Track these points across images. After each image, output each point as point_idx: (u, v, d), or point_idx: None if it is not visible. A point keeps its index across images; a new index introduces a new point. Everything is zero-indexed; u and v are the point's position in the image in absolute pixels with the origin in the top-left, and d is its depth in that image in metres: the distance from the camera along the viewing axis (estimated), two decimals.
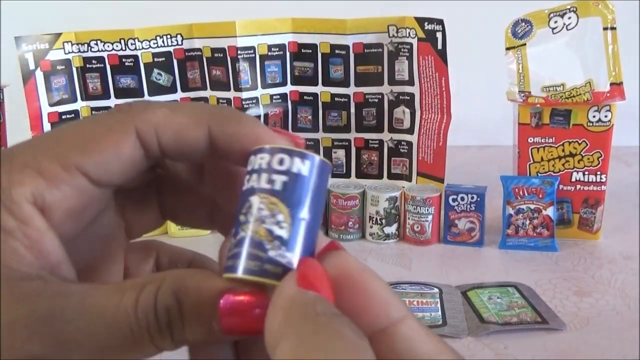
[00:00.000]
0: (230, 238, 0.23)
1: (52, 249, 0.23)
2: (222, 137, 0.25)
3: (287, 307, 0.20)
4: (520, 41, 0.79)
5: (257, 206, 0.22)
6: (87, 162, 0.23)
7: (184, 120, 0.25)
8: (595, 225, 0.79)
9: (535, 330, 0.59)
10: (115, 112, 0.25)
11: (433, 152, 0.85)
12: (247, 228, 0.22)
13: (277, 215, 0.22)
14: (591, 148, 0.77)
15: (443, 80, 0.82)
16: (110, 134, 0.24)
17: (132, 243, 0.31)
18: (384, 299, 0.22)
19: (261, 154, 0.23)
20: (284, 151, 0.23)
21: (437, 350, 0.22)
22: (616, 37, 0.75)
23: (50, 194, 0.23)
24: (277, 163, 0.23)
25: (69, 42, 0.85)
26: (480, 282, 0.69)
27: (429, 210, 0.78)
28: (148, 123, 0.24)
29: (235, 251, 0.23)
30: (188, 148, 0.25)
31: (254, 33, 0.87)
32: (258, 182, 0.23)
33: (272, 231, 0.22)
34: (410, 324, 0.22)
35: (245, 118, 0.25)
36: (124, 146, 0.24)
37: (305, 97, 0.92)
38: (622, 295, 0.66)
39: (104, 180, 0.24)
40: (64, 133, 0.24)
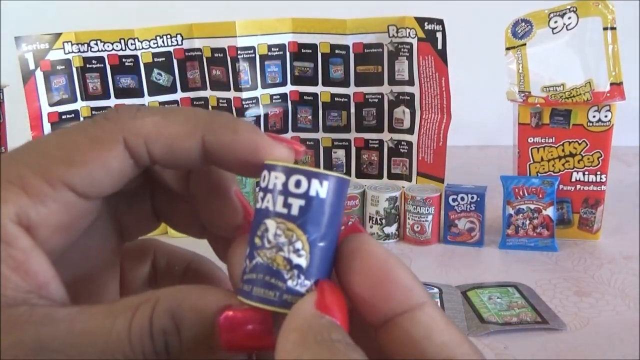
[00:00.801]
0: (245, 258, 0.23)
1: (39, 268, 0.22)
2: (217, 146, 0.23)
3: (303, 329, 0.20)
4: (520, 41, 0.79)
5: (274, 232, 0.22)
6: (73, 176, 0.22)
7: (176, 129, 0.23)
8: (595, 225, 0.79)
9: (535, 330, 0.59)
10: (102, 120, 0.24)
11: (433, 152, 0.85)
12: (264, 254, 0.22)
13: (295, 243, 0.22)
14: (591, 148, 0.77)
15: (443, 80, 0.82)
16: (97, 145, 0.23)
17: (129, 244, 0.30)
18: (405, 284, 0.22)
19: (275, 172, 0.22)
20: (301, 172, 0.22)
21: (456, 341, 0.21)
22: (616, 37, 0.75)
23: (35, 211, 0.22)
24: (293, 185, 0.22)
25: (69, 42, 0.85)
26: (480, 282, 0.69)
27: (429, 210, 0.78)
28: (137, 133, 0.23)
29: (251, 276, 0.22)
30: (180, 158, 0.24)
31: (254, 33, 0.87)
32: (273, 205, 0.22)
33: (290, 260, 0.22)
34: (430, 311, 0.21)
35: (242, 126, 0.24)
36: (112, 158, 0.23)
37: (305, 97, 0.92)
38: (622, 295, 0.66)
39: (92, 193, 0.23)
40: (47, 145, 0.23)
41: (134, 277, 0.30)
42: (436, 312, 0.22)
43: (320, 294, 0.21)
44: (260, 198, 0.22)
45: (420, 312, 0.21)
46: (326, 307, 0.21)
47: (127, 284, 0.29)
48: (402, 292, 0.21)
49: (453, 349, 0.21)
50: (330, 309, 0.21)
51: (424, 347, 0.21)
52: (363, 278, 0.22)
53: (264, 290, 0.22)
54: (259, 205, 0.22)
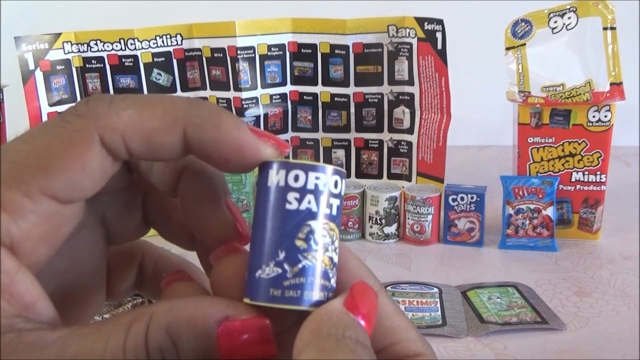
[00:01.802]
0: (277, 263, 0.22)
1: (25, 289, 0.21)
2: (198, 143, 0.22)
3: (322, 320, 0.20)
4: (520, 41, 0.79)
5: (321, 233, 0.22)
6: (51, 184, 0.21)
7: (155, 123, 0.22)
8: (595, 225, 0.79)
9: (535, 330, 0.59)
10: (72, 118, 0.22)
11: (433, 152, 0.85)
12: (312, 257, 0.21)
13: (335, 242, 0.22)
14: (591, 148, 0.77)
15: (443, 80, 0.82)
16: (73, 147, 0.21)
17: (117, 247, 0.29)
18: (358, 275, 0.23)
19: (317, 173, 0.22)
20: (338, 173, 0.22)
21: (403, 327, 0.23)
22: (616, 37, 0.75)
23: (17, 227, 0.21)
24: (334, 186, 0.22)
25: (69, 42, 0.85)
26: (480, 282, 0.69)
27: (429, 210, 0.78)
28: (112, 129, 0.21)
29: (297, 281, 0.21)
30: (160, 152, 0.22)
31: (254, 33, 0.87)
32: (317, 206, 0.22)
33: (332, 259, 0.22)
34: (381, 299, 0.22)
35: (225, 121, 0.22)
36: (89, 159, 0.21)
37: (305, 97, 0.92)
38: (622, 295, 0.66)
39: (74, 197, 0.22)
40: (18, 154, 0.21)
41: (121, 281, 0.29)
42: (387, 300, 0.23)
43: (351, 294, 0.21)
44: (294, 199, 0.22)
45: None
46: (353, 307, 0.21)
47: (114, 288, 0.29)
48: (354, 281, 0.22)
49: (400, 333, 0.23)
50: (357, 309, 0.21)
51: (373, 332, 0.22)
52: None
53: (315, 292, 0.22)
54: (293, 206, 0.22)
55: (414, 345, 0.23)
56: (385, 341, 0.23)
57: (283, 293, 0.21)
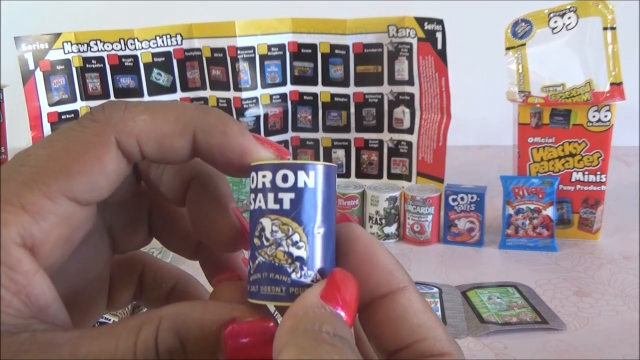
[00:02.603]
0: (248, 261, 0.23)
1: (41, 291, 0.21)
2: (206, 147, 0.24)
3: (298, 316, 0.20)
4: (520, 41, 0.79)
5: (270, 229, 0.22)
6: (73, 186, 0.22)
7: (167, 128, 0.23)
8: (595, 225, 0.79)
9: (535, 330, 0.59)
10: (90, 123, 0.23)
11: (433, 152, 0.85)
12: (264, 253, 0.22)
13: (293, 236, 0.22)
14: (591, 148, 0.77)
15: (443, 80, 0.82)
16: (91, 150, 0.22)
17: (119, 257, 0.29)
18: (387, 269, 0.23)
19: (262, 172, 0.22)
20: (286, 167, 0.22)
21: (430, 324, 0.22)
22: (616, 37, 0.75)
23: (38, 228, 0.21)
24: (281, 180, 0.22)
25: (69, 42, 0.85)
26: (480, 282, 0.69)
27: (429, 210, 0.78)
28: (129, 133, 0.23)
29: (256, 277, 0.22)
30: (171, 155, 0.24)
31: (254, 33, 0.87)
32: (265, 203, 0.22)
33: (291, 254, 0.22)
34: (409, 295, 0.22)
35: (232, 128, 0.24)
36: (107, 161, 0.23)
37: (305, 97, 0.92)
38: (622, 295, 0.66)
39: (92, 198, 0.23)
40: (39, 158, 0.22)
41: (122, 290, 0.30)
42: (415, 296, 0.23)
43: (328, 284, 0.21)
44: (252, 200, 0.23)
45: (400, 295, 0.22)
46: (331, 298, 0.21)
47: (115, 297, 0.29)
48: (384, 276, 0.22)
49: (426, 331, 0.22)
50: (335, 299, 0.21)
51: (399, 328, 0.22)
52: (347, 260, 0.23)
53: (270, 287, 0.22)
54: (252, 206, 0.23)
55: (441, 344, 0.22)
56: (411, 338, 0.22)
57: (250, 288, 0.22)
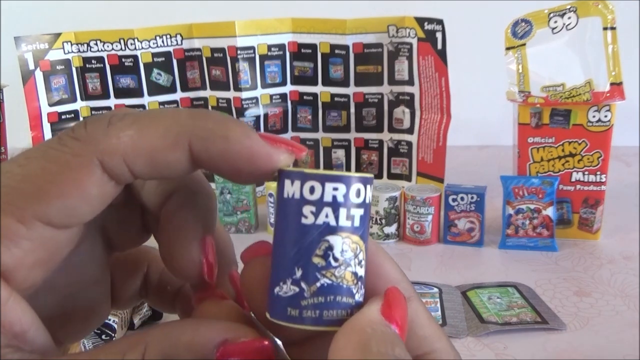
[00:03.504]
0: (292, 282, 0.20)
1: (16, 318, 0.20)
2: (207, 156, 0.21)
3: (367, 333, 0.19)
4: (520, 41, 0.79)
5: (341, 248, 0.20)
6: (47, 210, 0.20)
7: (157, 141, 0.21)
8: (595, 225, 0.79)
9: (535, 330, 0.59)
10: (70, 141, 0.21)
11: (433, 152, 0.85)
12: (331, 275, 0.20)
13: (359, 255, 0.21)
14: (591, 148, 0.77)
15: (443, 80, 0.82)
16: (71, 172, 0.20)
17: (122, 255, 0.28)
18: (392, 279, 0.22)
19: (335, 184, 0.20)
20: (360, 180, 0.20)
21: (436, 336, 0.22)
22: (616, 37, 0.75)
23: (9, 255, 0.20)
24: (355, 195, 0.20)
25: (69, 42, 0.85)
26: (480, 282, 0.69)
27: (429, 210, 0.78)
28: (113, 153, 0.20)
29: (315, 300, 0.20)
30: (166, 171, 0.21)
31: (254, 33, 0.87)
32: (336, 220, 0.20)
33: (356, 274, 0.21)
34: (415, 306, 0.21)
35: (234, 131, 0.21)
36: (88, 184, 0.20)
37: (305, 97, 0.92)
38: (622, 295, 0.66)
39: (70, 223, 0.21)
40: (13, 179, 0.20)
41: (125, 289, 0.28)
42: (420, 307, 0.22)
43: (387, 300, 0.20)
44: (310, 212, 0.20)
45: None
46: (391, 316, 0.20)
47: (119, 296, 0.28)
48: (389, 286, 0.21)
49: (432, 343, 0.22)
50: (395, 318, 0.20)
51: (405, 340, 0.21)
52: None
53: (337, 312, 0.20)
54: (309, 220, 0.20)
55: (446, 355, 0.22)
56: (418, 350, 0.21)
57: (301, 313, 0.20)
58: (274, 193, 0.81)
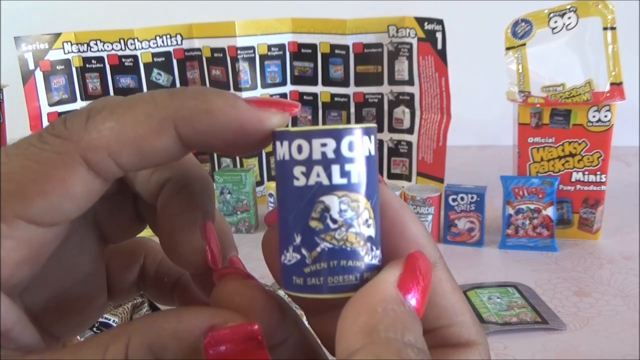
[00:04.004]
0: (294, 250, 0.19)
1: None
2: (195, 136, 0.20)
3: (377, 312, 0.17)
4: (520, 41, 0.79)
5: (339, 208, 0.18)
6: (29, 209, 0.19)
7: (140, 130, 0.19)
8: (595, 225, 0.79)
9: (535, 330, 0.59)
10: (51, 139, 0.20)
11: (433, 152, 0.85)
12: (331, 237, 0.19)
13: (363, 214, 0.19)
14: (591, 148, 0.77)
15: (443, 80, 0.82)
16: (54, 170, 0.19)
17: (117, 246, 0.27)
18: (418, 242, 0.20)
19: (322, 139, 0.18)
20: (352, 132, 0.19)
21: (457, 308, 0.20)
22: (616, 37, 0.75)
23: None
24: (347, 149, 0.18)
25: (69, 42, 0.85)
26: (480, 282, 0.69)
27: (429, 210, 0.78)
28: (96, 148, 0.19)
29: (316, 267, 0.19)
30: (155, 158, 0.20)
31: (254, 33, 0.87)
32: (329, 178, 0.18)
33: (362, 234, 0.19)
34: (439, 273, 0.20)
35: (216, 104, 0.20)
36: (73, 183, 0.19)
37: (305, 97, 0.92)
38: (622, 295, 0.66)
39: (55, 221, 0.20)
40: None
41: (122, 279, 0.28)
42: (445, 275, 0.20)
43: (407, 268, 0.18)
44: (300, 173, 0.19)
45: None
46: (409, 288, 0.18)
47: (115, 286, 0.28)
48: (413, 249, 0.20)
49: (454, 316, 0.20)
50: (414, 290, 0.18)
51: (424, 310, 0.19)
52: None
53: (342, 277, 0.19)
54: (301, 182, 0.19)
55: (468, 332, 0.20)
56: (437, 322, 0.20)
57: (305, 281, 0.19)
58: (274, 193, 0.81)
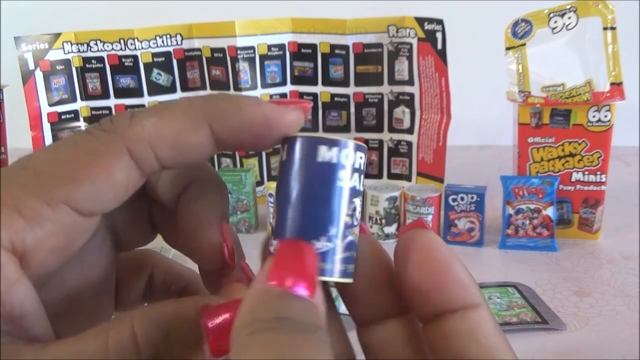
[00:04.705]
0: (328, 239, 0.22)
1: (18, 301, 0.20)
2: (227, 133, 0.22)
3: (252, 309, 0.19)
4: (520, 41, 0.79)
5: (359, 209, 0.23)
6: (76, 195, 0.21)
7: (179, 125, 0.22)
8: (595, 225, 0.79)
9: (535, 330, 0.59)
10: (98, 132, 0.22)
11: (433, 152, 0.85)
12: (353, 232, 0.22)
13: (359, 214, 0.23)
14: (591, 148, 0.77)
15: (443, 80, 0.82)
16: (99, 159, 0.21)
17: (125, 255, 0.28)
18: (464, 284, 0.21)
19: (360, 152, 0.22)
20: (361, 149, 0.23)
21: (501, 347, 0.21)
22: (616, 37, 0.75)
23: (32, 235, 0.20)
24: (362, 163, 0.23)
25: (69, 42, 0.85)
26: (480, 282, 0.69)
27: (429, 210, 0.78)
28: (139, 139, 0.21)
29: (346, 255, 0.22)
30: (191, 154, 0.22)
31: (254, 33, 0.87)
32: (360, 183, 0.23)
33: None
34: (483, 313, 0.21)
35: (244, 103, 0.22)
36: (117, 171, 0.21)
37: (305, 97, 0.92)
38: (622, 295, 0.66)
39: (95, 210, 0.22)
40: (42, 162, 0.21)
41: (129, 291, 0.29)
42: (488, 316, 0.21)
43: (275, 262, 0.20)
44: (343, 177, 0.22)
45: (473, 312, 0.21)
46: (279, 276, 0.19)
47: (122, 298, 0.28)
48: (459, 290, 0.21)
49: (496, 353, 0.21)
50: (285, 276, 0.19)
51: (467, 345, 0.21)
52: (422, 271, 0.21)
53: (352, 266, 0.22)
54: (342, 183, 0.22)
55: None
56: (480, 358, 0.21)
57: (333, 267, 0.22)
58: (273, 193, 0.81)
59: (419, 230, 0.22)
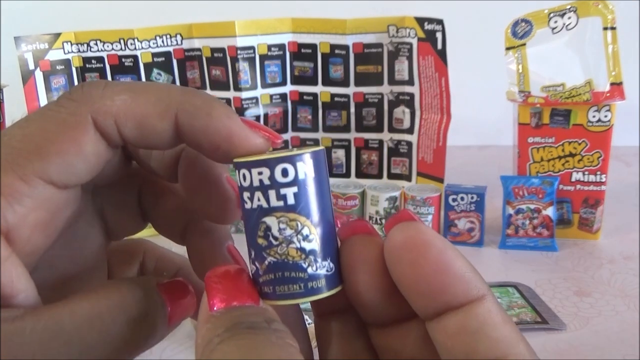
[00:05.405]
0: (251, 261, 0.22)
1: (8, 279, 0.20)
2: (189, 130, 0.22)
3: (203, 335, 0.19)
4: (520, 41, 0.79)
5: (277, 227, 0.21)
6: (48, 167, 0.21)
7: (147, 109, 0.22)
8: (595, 225, 0.79)
9: (535, 330, 0.59)
10: (66, 102, 0.22)
11: (433, 152, 0.85)
12: (274, 252, 0.21)
13: (302, 230, 0.21)
14: (591, 148, 0.77)
15: (443, 80, 0.82)
16: (67, 130, 0.21)
17: (117, 244, 0.29)
18: (464, 278, 0.20)
19: (257, 168, 0.21)
20: (284, 160, 0.21)
21: (511, 339, 0.20)
22: (616, 37, 0.75)
23: (12, 212, 0.20)
24: (281, 175, 0.21)
25: (69, 42, 0.85)
26: None
27: (429, 210, 0.78)
28: (106, 112, 0.21)
29: (267, 277, 0.21)
30: (152, 139, 0.22)
31: (254, 33, 0.87)
32: (267, 201, 0.21)
33: (303, 249, 0.21)
34: (488, 305, 0.20)
35: (217, 110, 0.22)
36: (84, 142, 0.21)
37: (305, 97, 0.92)
38: (622, 295, 0.66)
39: (70, 182, 0.22)
40: (12, 138, 0.21)
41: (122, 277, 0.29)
42: (495, 306, 0.20)
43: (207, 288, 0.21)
44: (247, 198, 0.22)
45: (479, 305, 0.20)
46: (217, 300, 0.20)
47: None
48: (460, 285, 0.20)
49: (507, 347, 0.20)
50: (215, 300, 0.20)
51: (476, 342, 0.20)
52: (418, 271, 0.20)
53: (287, 286, 0.21)
54: (249, 205, 0.22)
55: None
56: (489, 354, 0.20)
57: (261, 289, 0.22)
58: None
59: (406, 224, 0.21)
